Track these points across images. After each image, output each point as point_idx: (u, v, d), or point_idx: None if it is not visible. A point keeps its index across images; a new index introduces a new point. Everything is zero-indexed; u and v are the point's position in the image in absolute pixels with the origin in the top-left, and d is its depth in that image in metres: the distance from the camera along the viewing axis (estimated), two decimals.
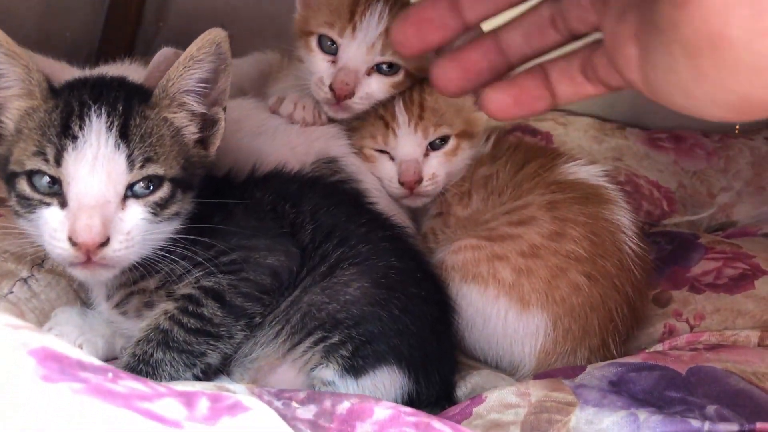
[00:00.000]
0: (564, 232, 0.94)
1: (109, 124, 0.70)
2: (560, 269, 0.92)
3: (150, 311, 0.78)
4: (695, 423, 0.65)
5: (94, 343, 0.81)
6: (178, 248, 0.74)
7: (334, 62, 1.02)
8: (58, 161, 0.69)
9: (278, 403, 0.62)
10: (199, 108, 0.77)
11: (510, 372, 0.94)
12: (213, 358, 0.77)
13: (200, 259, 0.75)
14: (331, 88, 1.00)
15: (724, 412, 0.69)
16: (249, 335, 0.79)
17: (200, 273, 0.76)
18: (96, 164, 0.69)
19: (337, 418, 0.59)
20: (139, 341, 0.75)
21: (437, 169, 1.06)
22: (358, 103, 1.02)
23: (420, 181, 1.05)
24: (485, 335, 0.94)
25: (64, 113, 0.71)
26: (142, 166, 0.71)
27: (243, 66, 1.22)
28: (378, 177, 1.08)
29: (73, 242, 0.68)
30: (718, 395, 0.72)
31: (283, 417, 0.50)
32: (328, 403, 0.61)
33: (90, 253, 0.68)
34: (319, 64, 1.03)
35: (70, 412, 0.37)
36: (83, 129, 0.70)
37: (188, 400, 0.45)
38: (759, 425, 0.64)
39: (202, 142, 0.78)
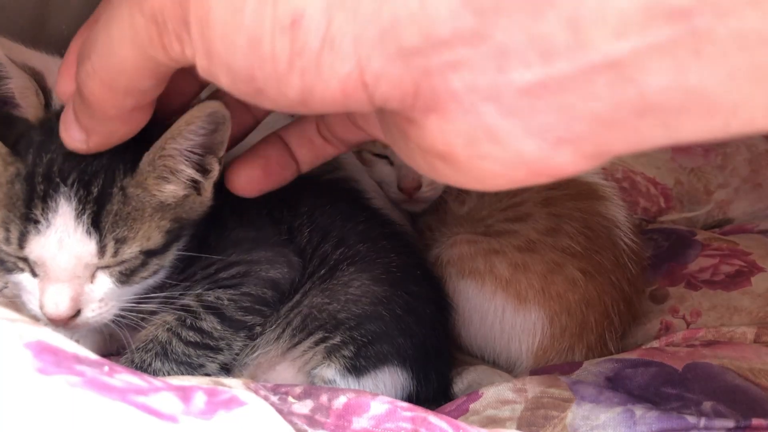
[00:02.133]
0: (559, 228, 0.94)
1: (79, 211, 0.62)
2: (556, 264, 0.92)
3: (148, 320, 0.75)
4: (691, 419, 0.65)
5: (91, 339, 0.80)
6: (172, 280, 0.71)
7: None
8: (21, 244, 0.63)
9: (274, 398, 0.62)
10: (192, 173, 0.68)
11: (507, 369, 0.94)
12: (212, 368, 0.75)
13: (199, 278, 0.74)
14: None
15: (720, 409, 0.69)
16: (248, 343, 0.77)
17: (200, 289, 0.74)
18: (63, 247, 0.63)
19: (334, 412, 0.59)
20: (137, 350, 0.73)
21: None
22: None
23: (419, 187, 1.05)
24: (482, 332, 0.94)
25: (27, 189, 0.62)
26: (115, 253, 0.64)
27: None
28: (376, 181, 1.08)
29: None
30: (714, 391, 0.72)
31: (280, 412, 0.50)
32: (324, 398, 0.60)
33: (63, 323, 0.65)
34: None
35: (66, 406, 0.37)
36: (47, 214, 0.62)
37: (184, 394, 0.45)
38: (755, 421, 0.64)
39: (197, 187, 0.70)
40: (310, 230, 0.81)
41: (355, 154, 1.09)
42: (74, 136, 0.54)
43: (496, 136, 0.36)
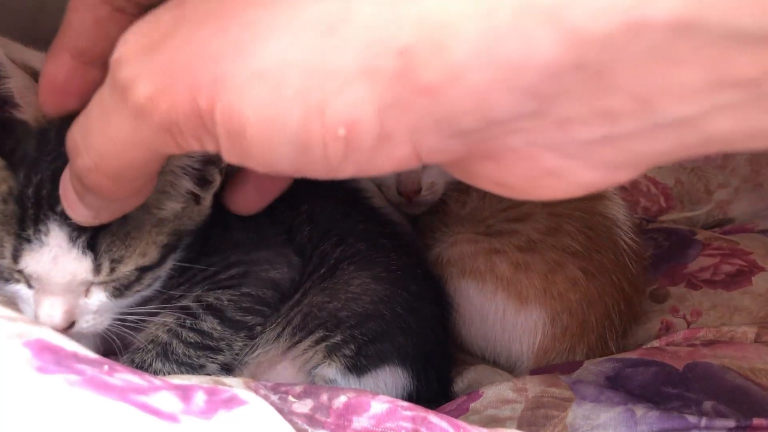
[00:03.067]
0: (560, 227, 0.94)
1: (73, 236, 0.61)
2: (557, 264, 0.92)
3: (146, 323, 0.74)
4: (692, 419, 0.65)
5: (92, 338, 0.80)
6: (170, 287, 0.71)
7: None
8: (16, 258, 0.62)
9: (274, 397, 0.62)
10: (192, 187, 0.67)
11: (508, 369, 0.94)
12: (212, 369, 0.74)
13: (198, 279, 0.73)
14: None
15: (721, 408, 0.69)
16: (248, 342, 0.77)
17: (199, 290, 0.74)
18: (57, 264, 0.62)
19: (334, 412, 0.59)
20: (137, 351, 0.73)
21: (435, 177, 1.06)
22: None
23: (419, 191, 1.05)
24: (483, 332, 0.94)
25: (19, 210, 0.61)
26: (111, 271, 0.64)
27: None
28: (375, 183, 1.08)
29: None
30: (715, 391, 0.72)
31: (280, 411, 0.50)
32: (324, 397, 0.60)
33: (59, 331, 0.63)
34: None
35: (65, 404, 0.37)
36: (39, 235, 0.61)
37: (184, 393, 0.45)
38: (756, 421, 0.64)
39: (196, 199, 0.69)
40: (310, 229, 0.80)
41: None
42: (82, 215, 0.51)
43: (555, 173, 0.37)
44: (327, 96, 0.33)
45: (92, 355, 0.45)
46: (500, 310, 0.92)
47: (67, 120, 0.66)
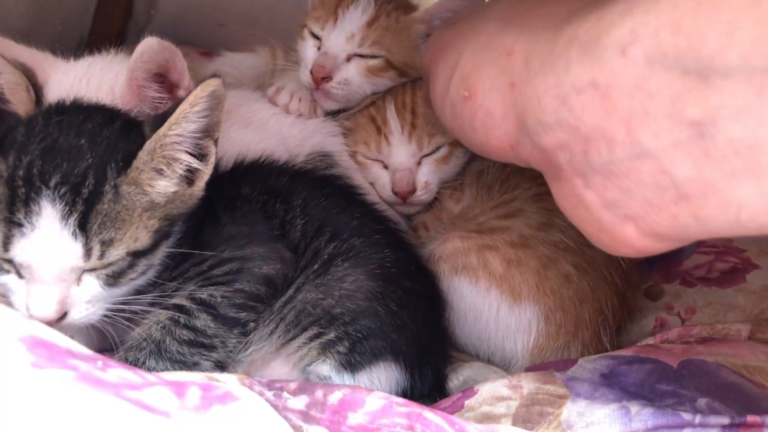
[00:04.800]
0: (551, 222, 0.94)
1: (65, 213, 0.61)
2: (550, 259, 0.91)
3: (141, 319, 0.74)
4: (686, 416, 0.65)
5: (86, 334, 0.80)
6: (164, 279, 0.71)
7: (319, 49, 1.07)
8: (6, 246, 0.62)
9: (269, 394, 0.61)
10: (190, 160, 0.68)
11: (503, 369, 0.93)
12: (206, 366, 0.74)
13: (192, 275, 0.73)
14: (311, 72, 1.04)
15: (715, 405, 0.69)
16: (242, 340, 0.76)
17: (193, 286, 0.73)
18: (48, 250, 0.62)
19: (329, 408, 0.59)
20: (130, 348, 0.72)
21: (430, 177, 1.06)
22: (336, 87, 1.04)
23: (414, 191, 1.05)
24: (477, 331, 0.93)
25: (9, 193, 0.61)
26: (101, 255, 0.64)
27: (240, 61, 1.23)
28: (370, 182, 1.08)
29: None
30: (709, 388, 0.72)
31: (275, 407, 0.50)
32: (319, 394, 0.60)
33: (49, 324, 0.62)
34: (307, 51, 1.09)
35: (59, 399, 0.37)
36: (30, 217, 0.61)
37: (179, 389, 0.44)
38: (749, 418, 0.64)
39: (189, 179, 0.70)
40: (303, 223, 0.80)
41: (350, 156, 1.09)
42: None
43: (584, 203, 0.49)
44: None
45: (86, 350, 0.45)
46: (494, 308, 0.92)
47: (51, 107, 0.68)
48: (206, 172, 0.70)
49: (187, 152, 0.67)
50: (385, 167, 1.07)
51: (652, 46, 0.43)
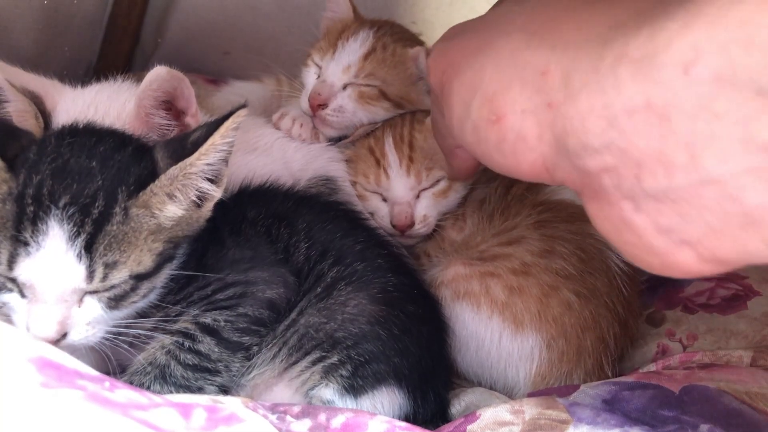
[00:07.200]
0: (553, 249, 0.94)
1: (72, 234, 0.62)
2: (551, 287, 0.91)
3: (142, 343, 0.74)
4: None
5: (92, 357, 0.80)
6: (167, 302, 0.71)
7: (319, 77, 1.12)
8: (11, 265, 0.63)
9: (273, 417, 0.62)
10: (207, 186, 0.69)
11: (505, 395, 0.93)
12: (210, 391, 0.74)
13: (195, 299, 0.74)
14: (309, 99, 1.08)
15: (717, 431, 0.69)
16: (245, 364, 0.77)
17: (197, 310, 0.74)
18: (51, 271, 0.62)
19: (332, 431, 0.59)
20: (135, 373, 0.72)
21: (428, 210, 1.07)
22: (331, 114, 1.07)
23: (412, 225, 1.06)
24: (479, 359, 0.93)
25: (17, 211, 0.62)
26: (104, 278, 0.64)
27: (247, 89, 1.26)
28: (370, 213, 1.09)
29: None
30: (711, 414, 0.72)
31: (278, 431, 0.50)
32: (322, 417, 0.61)
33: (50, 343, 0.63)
34: (309, 79, 1.14)
35: (69, 419, 0.37)
36: (37, 237, 0.61)
37: (184, 410, 0.45)
38: None
39: (197, 203, 0.71)
40: (307, 247, 0.81)
41: (351, 185, 1.10)
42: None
43: (632, 227, 0.46)
44: None
45: (93, 372, 0.45)
46: (496, 336, 0.92)
47: (64, 129, 0.69)
48: (216, 195, 0.70)
49: (206, 180, 0.69)
50: (384, 200, 1.08)
51: (720, 64, 0.40)
